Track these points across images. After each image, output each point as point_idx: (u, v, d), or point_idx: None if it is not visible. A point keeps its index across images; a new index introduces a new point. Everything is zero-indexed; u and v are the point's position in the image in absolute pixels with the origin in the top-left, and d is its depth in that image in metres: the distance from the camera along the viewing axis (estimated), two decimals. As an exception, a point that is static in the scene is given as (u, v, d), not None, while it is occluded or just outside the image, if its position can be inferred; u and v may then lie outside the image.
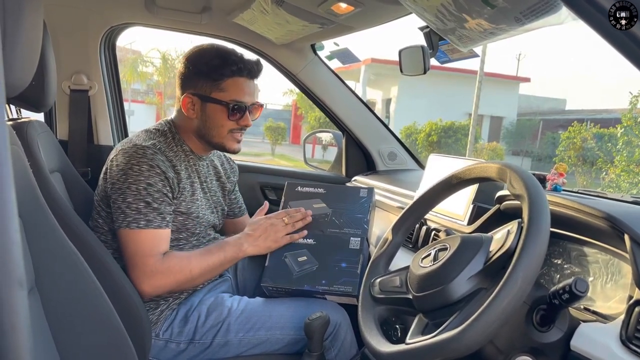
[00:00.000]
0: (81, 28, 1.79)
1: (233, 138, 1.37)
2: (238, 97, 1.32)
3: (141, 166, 1.23)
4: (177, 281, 1.24)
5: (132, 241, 1.22)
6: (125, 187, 1.23)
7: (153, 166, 1.24)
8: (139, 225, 1.22)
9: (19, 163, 0.81)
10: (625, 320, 0.75)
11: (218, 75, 1.31)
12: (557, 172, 1.25)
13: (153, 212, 1.23)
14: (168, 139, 1.35)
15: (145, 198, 1.22)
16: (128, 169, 1.23)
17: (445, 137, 14.35)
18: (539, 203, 0.76)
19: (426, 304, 0.86)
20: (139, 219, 1.22)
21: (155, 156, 1.25)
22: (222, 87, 1.32)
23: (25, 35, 0.68)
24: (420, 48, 1.27)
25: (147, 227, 1.22)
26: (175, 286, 1.25)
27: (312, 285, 1.32)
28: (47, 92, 1.13)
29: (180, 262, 1.25)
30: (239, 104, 1.32)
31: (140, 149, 1.25)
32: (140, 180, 1.22)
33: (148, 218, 1.22)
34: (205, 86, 1.32)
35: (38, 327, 0.80)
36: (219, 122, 1.34)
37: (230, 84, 1.32)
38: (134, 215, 1.22)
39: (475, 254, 0.82)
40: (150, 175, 1.23)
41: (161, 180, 1.25)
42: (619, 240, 0.82)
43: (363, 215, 1.39)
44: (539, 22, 0.81)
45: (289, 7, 1.37)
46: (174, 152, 1.34)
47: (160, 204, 1.24)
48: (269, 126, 18.27)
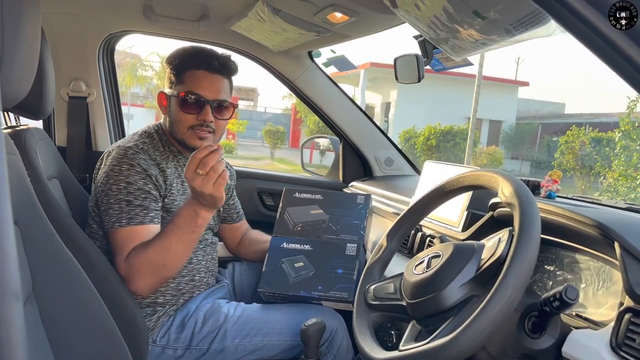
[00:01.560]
0: (80, 35, 1.80)
1: (194, 134, 1.31)
2: (194, 89, 1.30)
3: (121, 166, 1.24)
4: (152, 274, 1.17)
5: (116, 239, 1.21)
6: (107, 189, 1.23)
7: (133, 165, 1.24)
8: (121, 224, 1.21)
9: (16, 172, 0.82)
10: (616, 327, 0.76)
11: (180, 69, 1.33)
12: (552, 178, 1.26)
13: (135, 209, 1.22)
14: (154, 140, 1.35)
15: (127, 197, 1.22)
16: (109, 171, 1.24)
17: (444, 141, 14.36)
18: (530, 211, 0.77)
19: (419, 311, 0.87)
20: (121, 217, 1.21)
21: (136, 155, 1.25)
22: (182, 80, 1.32)
23: (23, 46, 0.69)
24: (415, 57, 1.28)
25: (129, 225, 1.20)
26: (154, 280, 1.19)
27: (309, 291, 1.33)
28: (46, 100, 1.14)
29: (139, 257, 1.17)
30: (193, 95, 1.30)
31: (122, 150, 1.26)
32: (120, 180, 1.22)
33: (130, 215, 1.21)
34: (171, 82, 1.34)
35: (35, 335, 0.81)
36: (177, 116, 1.32)
37: (188, 77, 1.31)
38: (117, 215, 1.21)
39: (467, 262, 0.83)
40: (130, 174, 1.23)
41: (142, 179, 1.24)
42: (610, 248, 0.83)
43: (360, 221, 1.40)
44: (528, 34, 0.82)
45: (285, 15, 1.38)
46: (160, 152, 1.34)
47: (143, 201, 1.22)
48: (268, 130, 18.29)
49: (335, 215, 1.43)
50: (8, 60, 0.65)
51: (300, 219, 1.45)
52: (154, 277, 1.19)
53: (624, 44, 0.62)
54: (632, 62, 0.62)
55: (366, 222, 1.41)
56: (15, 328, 0.35)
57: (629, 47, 0.61)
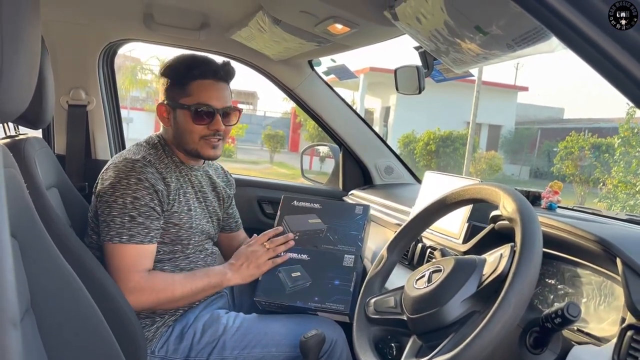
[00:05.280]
0: (80, 44, 1.80)
1: (207, 144, 1.34)
2: (203, 100, 1.31)
3: (129, 179, 1.23)
4: (158, 300, 1.24)
5: (115, 255, 1.23)
6: (112, 201, 1.23)
7: (141, 179, 1.24)
8: (121, 239, 1.22)
9: (14, 185, 0.81)
10: (618, 344, 0.76)
11: (184, 80, 1.32)
12: (552, 189, 1.26)
13: (137, 227, 1.23)
14: (159, 151, 1.35)
15: (131, 212, 1.22)
16: (116, 183, 1.24)
17: (444, 146, 14.36)
18: (531, 227, 0.76)
19: (420, 326, 0.86)
20: (122, 233, 1.22)
21: (144, 169, 1.26)
22: (189, 92, 1.32)
23: (23, 61, 0.69)
24: (416, 68, 1.28)
25: (129, 242, 1.22)
26: (155, 304, 1.25)
27: (305, 302, 1.32)
28: (45, 109, 1.14)
29: (164, 281, 1.25)
30: (203, 107, 1.31)
31: (130, 163, 1.26)
32: (127, 194, 1.22)
33: (131, 233, 1.22)
34: (174, 93, 1.33)
35: (33, 348, 0.80)
36: (188, 127, 1.33)
37: (195, 87, 1.32)
38: (118, 229, 1.22)
39: (468, 277, 0.83)
40: (138, 189, 1.23)
41: (149, 194, 1.24)
42: (612, 263, 0.83)
43: (358, 232, 1.40)
44: (530, 49, 0.82)
45: (286, 26, 1.38)
46: (164, 163, 1.34)
47: (146, 219, 1.24)
48: (267, 134, 18.29)
49: (333, 226, 1.42)
50: (7, 75, 0.65)
51: (298, 228, 1.44)
52: (158, 305, 1.26)
53: (626, 61, 0.62)
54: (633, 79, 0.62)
55: (364, 234, 1.40)
56: (12, 353, 0.34)
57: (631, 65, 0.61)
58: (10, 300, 0.36)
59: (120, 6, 1.67)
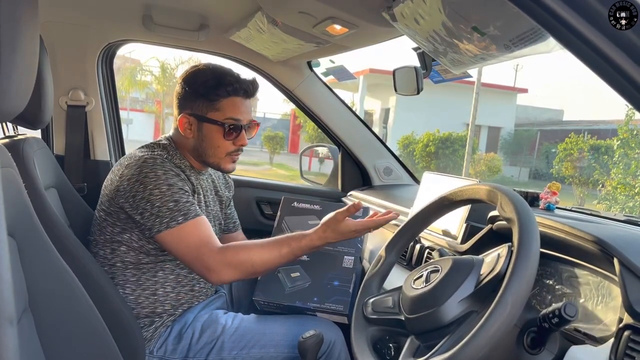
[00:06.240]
0: (79, 44, 1.80)
1: (230, 159, 1.37)
2: (234, 116, 1.33)
3: (156, 172, 1.23)
4: (241, 272, 1.22)
5: (181, 237, 1.21)
6: (147, 195, 1.21)
7: (167, 170, 1.25)
8: (178, 222, 1.21)
9: (12, 185, 0.82)
10: (615, 344, 0.76)
11: (214, 96, 1.31)
12: (550, 190, 1.26)
13: (185, 205, 1.23)
14: (170, 153, 1.35)
15: (173, 197, 1.22)
16: (143, 178, 1.22)
17: (443, 148, 14.36)
18: (529, 228, 0.77)
19: (418, 326, 0.86)
20: (176, 215, 1.21)
21: (165, 164, 1.26)
22: (218, 107, 1.32)
23: (21, 61, 0.69)
24: (414, 69, 1.29)
25: (186, 220, 1.21)
26: (239, 277, 1.24)
27: (304, 302, 1.33)
28: (44, 110, 1.14)
29: (240, 255, 1.22)
30: (234, 123, 1.33)
31: (149, 159, 1.26)
32: (160, 184, 1.22)
33: (183, 212, 1.22)
34: (202, 106, 1.33)
35: (30, 348, 0.80)
36: (215, 142, 1.34)
37: (226, 104, 1.32)
38: (169, 214, 1.21)
39: (466, 277, 0.83)
40: (168, 178, 1.24)
41: (180, 180, 1.26)
42: (609, 264, 0.83)
43: None
44: (527, 50, 0.83)
45: (284, 27, 1.39)
46: (176, 165, 1.34)
47: (187, 199, 1.25)
48: (267, 135, 18.29)
49: None
50: (5, 76, 0.65)
51: (298, 229, 1.44)
52: (242, 275, 1.24)
53: (624, 62, 0.62)
54: (630, 81, 0.63)
55: (363, 235, 1.40)
56: (8, 352, 0.34)
57: (629, 66, 0.61)
58: (7, 299, 0.36)
59: (119, 7, 1.67)
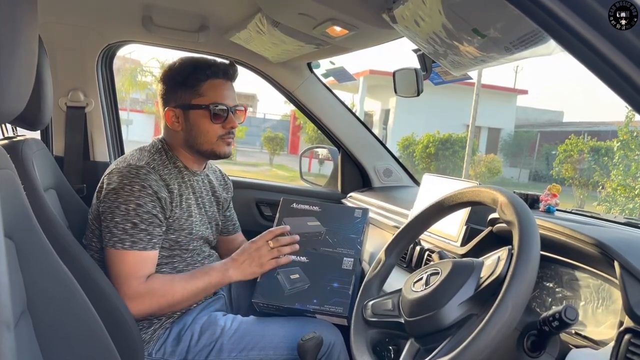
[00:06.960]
0: (79, 46, 1.80)
1: (223, 142, 1.37)
2: (218, 99, 1.33)
3: (133, 186, 1.23)
4: (158, 304, 1.24)
5: (117, 261, 1.23)
6: (114, 207, 1.23)
7: (145, 187, 1.24)
8: (124, 245, 1.22)
9: (11, 186, 0.81)
10: (615, 348, 0.76)
11: (194, 81, 1.33)
12: (550, 192, 1.25)
13: (140, 234, 1.23)
14: (163, 157, 1.36)
15: (133, 219, 1.22)
16: (120, 189, 1.24)
17: (443, 149, 14.36)
18: (529, 231, 0.76)
19: (418, 329, 0.86)
20: (125, 239, 1.22)
21: (148, 176, 1.26)
22: (201, 92, 1.33)
23: (20, 62, 0.69)
24: (414, 71, 1.28)
25: (131, 249, 1.22)
26: (156, 309, 1.25)
27: (303, 304, 1.32)
28: (43, 111, 1.13)
29: (163, 285, 1.25)
30: (220, 105, 1.33)
31: (134, 169, 1.26)
32: (131, 201, 1.22)
33: (134, 239, 1.22)
34: (184, 95, 1.34)
35: (29, 350, 0.80)
36: (204, 127, 1.34)
37: (208, 88, 1.33)
38: (120, 235, 1.22)
39: (466, 280, 0.83)
40: (141, 196, 1.23)
41: (152, 201, 1.25)
42: (610, 267, 0.82)
43: (357, 235, 1.40)
44: (528, 52, 0.82)
45: (284, 28, 1.39)
46: (168, 169, 1.34)
47: (148, 226, 1.24)
48: (267, 136, 18.29)
49: (332, 229, 1.42)
50: (5, 77, 0.65)
51: (297, 230, 1.44)
52: (159, 310, 1.26)
53: (624, 64, 0.62)
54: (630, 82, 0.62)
55: (363, 237, 1.40)
56: (6, 357, 0.34)
57: (628, 68, 0.61)
58: (4, 303, 0.36)
59: (119, 8, 1.67)
